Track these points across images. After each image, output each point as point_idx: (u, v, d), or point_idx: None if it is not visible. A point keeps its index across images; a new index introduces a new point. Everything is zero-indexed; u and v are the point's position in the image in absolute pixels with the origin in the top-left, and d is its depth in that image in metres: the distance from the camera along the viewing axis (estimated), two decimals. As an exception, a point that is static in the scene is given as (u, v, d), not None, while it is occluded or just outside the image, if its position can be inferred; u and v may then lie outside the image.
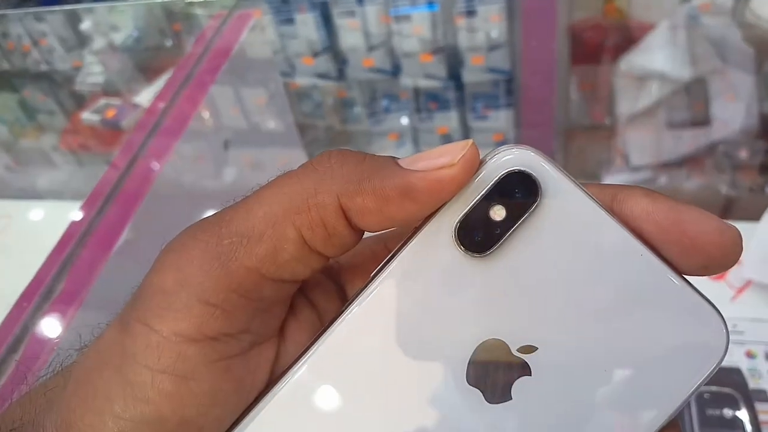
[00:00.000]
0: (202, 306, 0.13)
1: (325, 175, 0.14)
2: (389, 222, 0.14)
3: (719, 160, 0.76)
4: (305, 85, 0.96)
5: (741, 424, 0.35)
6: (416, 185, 0.13)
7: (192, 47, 0.71)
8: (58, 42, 1.04)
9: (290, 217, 0.14)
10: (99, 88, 1.02)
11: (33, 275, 0.51)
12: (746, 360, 0.40)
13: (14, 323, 0.47)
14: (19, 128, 1.13)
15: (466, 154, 0.13)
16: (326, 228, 0.14)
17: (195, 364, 0.13)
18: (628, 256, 0.13)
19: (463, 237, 0.14)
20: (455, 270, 0.14)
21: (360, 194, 0.13)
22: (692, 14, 0.73)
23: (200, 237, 0.14)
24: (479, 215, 0.14)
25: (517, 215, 0.13)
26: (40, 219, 0.68)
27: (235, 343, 0.14)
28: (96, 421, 0.13)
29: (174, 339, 0.13)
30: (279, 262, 0.14)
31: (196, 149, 0.66)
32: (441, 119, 0.94)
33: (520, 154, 0.14)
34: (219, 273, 0.13)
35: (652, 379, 0.13)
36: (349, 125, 1.01)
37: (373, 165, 0.14)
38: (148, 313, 0.13)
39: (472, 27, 0.80)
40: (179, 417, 0.13)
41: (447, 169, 0.13)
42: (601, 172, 0.79)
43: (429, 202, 0.14)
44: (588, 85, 0.82)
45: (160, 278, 0.14)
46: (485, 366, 0.14)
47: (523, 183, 0.13)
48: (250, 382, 0.14)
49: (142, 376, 0.13)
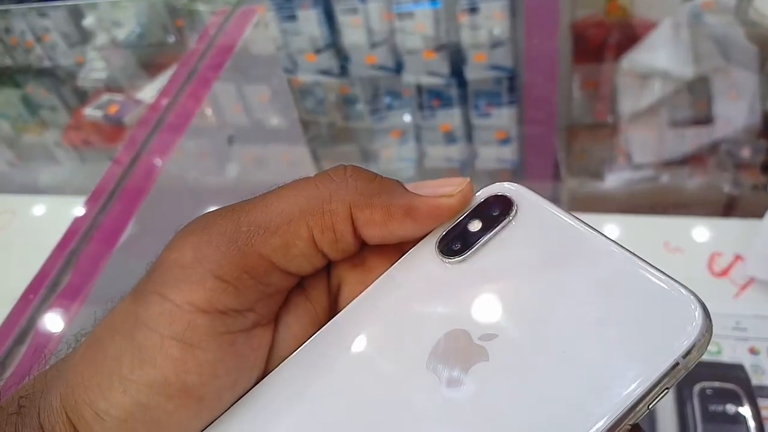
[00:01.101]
0: (216, 281, 0.14)
1: (340, 185, 0.16)
2: (389, 236, 0.16)
3: (722, 158, 0.76)
4: (308, 81, 0.96)
5: (744, 419, 0.35)
6: (419, 207, 0.16)
7: (195, 43, 0.71)
8: (60, 38, 1.04)
9: (305, 218, 0.15)
10: (102, 84, 1.02)
11: (37, 269, 0.52)
12: (749, 356, 0.40)
13: (20, 316, 0.48)
14: (22, 124, 1.13)
15: (463, 189, 0.16)
16: (335, 233, 0.15)
17: (203, 334, 0.14)
18: (595, 251, 0.14)
19: (443, 246, 0.16)
20: (433, 274, 0.16)
21: (369, 207, 0.15)
22: (695, 12, 0.73)
23: (220, 222, 0.15)
24: (459, 229, 0.16)
25: (490, 228, 0.16)
26: (44, 214, 0.69)
27: (241, 319, 0.15)
28: (104, 381, 0.14)
29: (186, 308, 0.14)
30: (289, 256, 0.15)
31: (199, 146, 0.67)
32: (443, 116, 0.94)
33: (505, 185, 0.16)
34: (235, 254, 0.15)
35: (615, 364, 0.13)
36: (352, 122, 1.01)
37: (383, 184, 0.16)
38: (164, 284, 0.14)
39: (475, 24, 0.80)
40: (182, 382, 0.14)
41: (446, 198, 0.16)
42: (604, 169, 0.79)
43: (426, 223, 0.16)
44: (590, 83, 0.82)
45: (179, 254, 0.15)
46: (445, 353, 0.14)
47: (500, 203, 0.16)
48: (251, 360, 0.15)
49: (152, 341, 0.14)
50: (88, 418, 0.14)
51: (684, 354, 0.12)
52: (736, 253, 0.47)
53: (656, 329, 0.13)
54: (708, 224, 0.51)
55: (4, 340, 0.47)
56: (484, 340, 0.14)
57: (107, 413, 0.14)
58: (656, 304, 0.13)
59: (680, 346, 0.12)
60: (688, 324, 0.12)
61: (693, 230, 0.51)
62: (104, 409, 0.14)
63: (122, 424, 0.14)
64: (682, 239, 0.50)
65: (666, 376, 0.12)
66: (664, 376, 0.12)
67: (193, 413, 0.14)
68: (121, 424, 0.14)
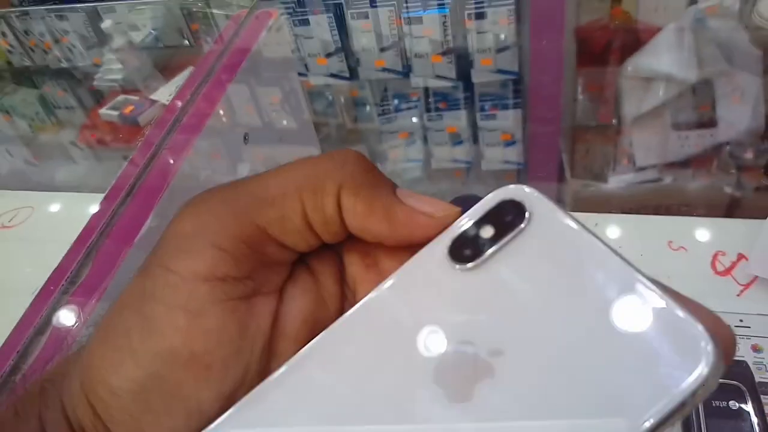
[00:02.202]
0: (215, 250, 0.15)
1: (336, 166, 0.15)
2: (364, 233, 0.16)
3: (725, 160, 0.76)
4: (318, 84, 0.98)
5: (747, 416, 0.35)
6: (397, 214, 0.15)
7: (212, 46, 0.72)
8: (78, 40, 1.06)
9: (299, 193, 0.15)
10: (117, 85, 1.04)
11: (55, 264, 0.53)
12: (752, 354, 0.41)
13: (41, 307, 0.49)
14: (39, 123, 1.16)
15: (446, 215, 0.16)
16: (324, 213, 0.15)
17: (205, 302, 0.14)
18: (609, 271, 0.13)
19: (454, 251, 0.15)
20: (442, 279, 0.15)
21: (355, 195, 0.15)
22: (699, 17, 0.73)
23: (219, 194, 0.16)
24: (471, 233, 0.15)
25: (503, 234, 0.15)
26: (62, 210, 0.70)
27: (240, 286, 0.15)
28: (115, 356, 0.14)
29: (188, 277, 0.14)
30: (284, 229, 0.15)
31: (212, 145, 0.68)
32: (450, 118, 0.95)
33: (515, 188, 0.15)
34: (233, 224, 0.15)
35: (624, 396, 0.12)
36: (361, 124, 1.03)
37: (376, 178, 0.16)
38: (167, 256, 0.15)
39: (482, 29, 0.81)
40: (189, 351, 0.14)
41: (425, 217, 0.15)
42: (607, 171, 0.79)
43: (401, 233, 0.15)
44: (595, 86, 0.83)
45: (180, 225, 0.15)
46: (452, 366, 0.14)
47: (513, 209, 0.15)
48: (253, 328, 0.15)
49: (159, 311, 0.14)
50: (104, 397, 0.14)
51: (693, 393, 0.12)
52: (739, 252, 0.48)
53: (668, 364, 0.12)
54: (711, 224, 0.51)
55: (26, 330, 0.49)
56: (492, 356, 0.14)
57: (121, 388, 0.14)
58: (670, 338, 0.12)
59: (692, 384, 0.12)
60: (701, 363, 0.12)
61: (696, 229, 0.51)
62: (118, 385, 0.14)
63: (136, 397, 0.14)
64: (686, 238, 0.50)
65: (673, 413, 0.12)
66: (671, 414, 0.12)
67: (202, 382, 0.15)
68: (135, 398, 0.14)
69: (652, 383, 0.12)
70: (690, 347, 0.12)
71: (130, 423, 0.15)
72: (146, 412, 0.14)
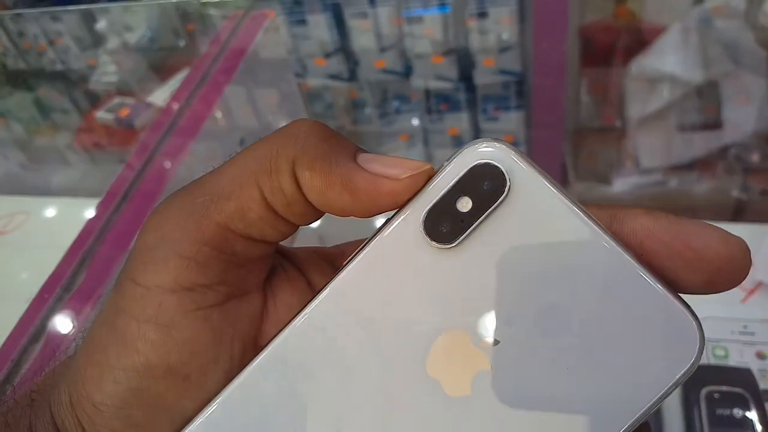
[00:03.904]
0: (178, 259, 0.14)
1: (288, 140, 0.14)
2: (327, 207, 0.14)
3: (730, 163, 0.76)
4: (317, 85, 0.97)
5: (751, 423, 0.35)
6: (357, 183, 0.14)
7: (208, 47, 0.71)
8: (73, 41, 1.05)
9: (255, 178, 0.14)
10: (113, 87, 1.03)
11: (50, 269, 0.52)
12: (757, 361, 0.40)
13: (36, 314, 0.48)
14: (35, 126, 1.15)
15: (414, 176, 0.13)
16: (284, 194, 0.14)
17: (174, 313, 0.14)
18: (597, 252, 0.13)
19: (431, 227, 0.13)
20: (421, 260, 0.14)
21: (310, 169, 0.14)
22: (705, 17, 0.73)
23: (177, 198, 0.15)
24: (447, 206, 0.13)
25: (483, 207, 0.13)
26: (58, 215, 0.69)
27: (211, 294, 0.14)
28: (95, 372, 0.14)
29: (155, 290, 0.14)
30: (247, 221, 0.14)
31: (209, 148, 0.67)
32: (452, 120, 0.95)
33: (491, 147, 0.13)
34: (192, 228, 0.14)
35: (616, 380, 0.13)
36: (360, 126, 1.02)
37: (333, 147, 0.14)
38: (134, 269, 0.14)
39: (484, 29, 0.81)
40: (166, 364, 0.14)
41: (390, 181, 0.13)
42: (611, 174, 0.79)
43: (365, 203, 0.14)
44: (599, 87, 0.82)
45: (144, 237, 0.15)
46: (446, 358, 0.14)
47: (491, 175, 0.13)
48: (230, 333, 0.15)
49: (131, 327, 0.14)
50: (88, 412, 0.14)
51: (683, 375, 0.13)
52: None
53: (659, 348, 0.13)
54: None
55: (20, 338, 0.48)
56: (486, 347, 0.13)
57: (103, 404, 0.14)
58: (660, 321, 0.13)
59: (681, 367, 0.12)
60: (689, 345, 0.13)
61: None
62: (100, 401, 0.14)
63: (119, 412, 0.14)
64: None
65: (664, 395, 0.13)
66: (663, 397, 0.13)
67: (182, 391, 0.14)
68: (117, 412, 0.14)
69: (641, 372, 0.13)
70: (681, 332, 0.13)
71: None
72: (130, 427, 0.14)
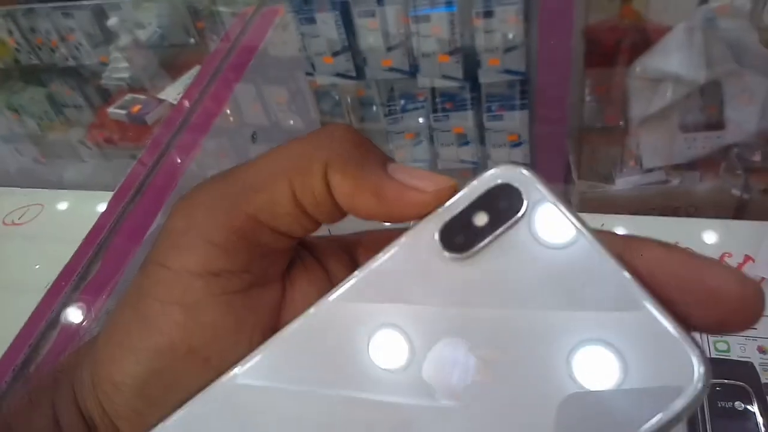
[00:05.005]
0: (207, 245, 0.14)
1: (323, 143, 0.15)
2: (354, 211, 0.15)
3: (732, 162, 0.76)
4: (325, 83, 0.98)
5: (753, 416, 0.35)
6: (386, 191, 0.14)
7: (219, 44, 0.72)
8: (84, 38, 1.06)
9: (287, 174, 0.15)
10: (124, 83, 1.04)
11: (65, 261, 0.53)
12: (758, 355, 0.41)
13: (52, 303, 0.50)
14: (47, 122, 1.16)
15: (441, 190, 0.14)
16: (314, 194, 0.15)
17: (200, 296, 0.14)
18: (603, 280, 0.13)
19: (446, 237, 0.14)
20: (432, 267, 0.14)
21: (341, 173, 0.14)
22: (709, 17, 0.73)
23: (208, 186, 0.15)
24: (464, 219, 0.14)
25: (498, 224, 0.14)
26: (71, 208, 0.71)
27: (236, 280, 0.15)
28: (117, 353, 0.15)
29: (182, 273, 0.14)
30: (275, 214, 0.15)
31: (220, 145, 0.69)
32: (457, 119, 0.95)
33: (513, 170, 0.14)
34: (221, 216, 0.15)
35: (607, 408, 0.13)
36: (367, 124, 1.03)
37: (365, 154, 0.15)
38: (161, 253, 0.15)
39: (490, 28, 0.81)
40: (187, 346, 0.14)
41: (417, 193, 0.14)
42: (614, 173, 0.79)
43: (391, 211, 0.15)
44: (602, 87, 0.82)
45: (173, 222, 0.15)
46: (442, 363, 0.14)
47: (509, 195, 0.14)
48: (252, 321, 0.15)
49: (154, 309, 0.15)
50: (108, 392, 0.15)
51: (683, 409, 0.12)
52: (746, 254, 0.47)
53: (660, 380, 0.13)
54: (718, 225, 0.51)
55: (38, 324, 0.49)
56: (484, 357, 0.14)
57: (123, 383, 0.15)
58: (663, 354, 0.13)
59: (682, 402, 0.12)
60: (690, 382, 0.12)
61: (703, 231, 0.51)
62: (120, 381, 0.15)
63: (138, 392, 0.15)
64: (692, 240, 0.50)
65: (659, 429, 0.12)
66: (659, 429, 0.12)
67: (202, 373, 0.15)
68: (137, 392, 0.15)
69: (640, 403, 0.12)
70: (683, 368, 0.12)
71: (134, 418, 0.15)
72: (149, 407, 0.15)
